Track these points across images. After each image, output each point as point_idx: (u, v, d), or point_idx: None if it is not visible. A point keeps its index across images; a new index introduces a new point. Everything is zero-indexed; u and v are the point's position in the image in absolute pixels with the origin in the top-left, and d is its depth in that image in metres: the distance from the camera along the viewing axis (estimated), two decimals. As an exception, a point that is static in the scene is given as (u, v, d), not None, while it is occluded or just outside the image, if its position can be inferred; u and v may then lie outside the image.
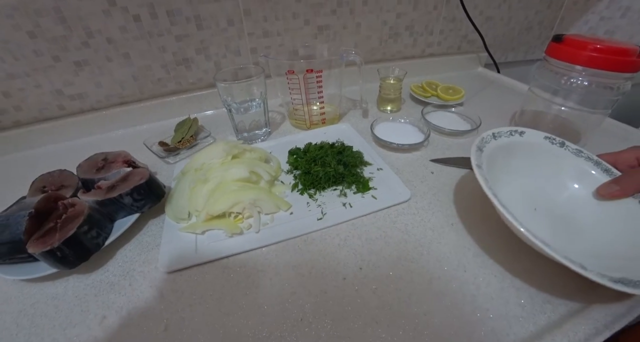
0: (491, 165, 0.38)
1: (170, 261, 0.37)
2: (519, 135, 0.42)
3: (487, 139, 0.40)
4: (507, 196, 0.36)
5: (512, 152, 0.41)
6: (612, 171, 0.38)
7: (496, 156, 0.39)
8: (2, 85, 0.59)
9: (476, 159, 0.36)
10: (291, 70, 0.52)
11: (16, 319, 0.34)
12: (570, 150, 0.41)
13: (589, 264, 0.28)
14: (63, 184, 0.46)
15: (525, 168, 0.41)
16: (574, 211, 0.38)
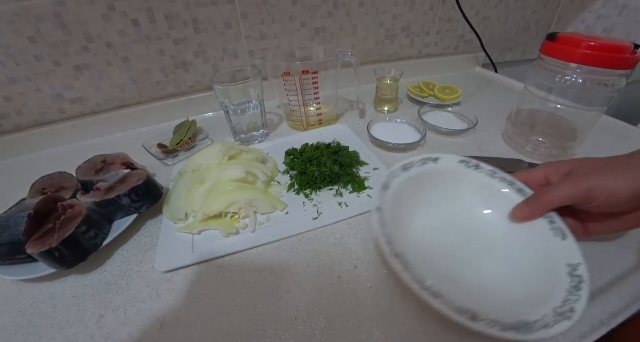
0: (404, 200, 0.35)
1: (167, 261, 0.37)
2: (432, 162, 0.39)
3: (396, 173, 0.37)
4: (423, 232, 0.35)
5: (428, 182, 0.38)
6: (525, 191, 0.35)
7: (409, 190, 0.36)
8: (4, 90, 0.60)
9: (378, 201, 0.33)
10: (287, 72, 0.53)
11: (15, 319, 0.34)
12: (485, 172, 0.38)
13: (497, 303, 0.27)
14: (63, 186, 0.46)
15: (442, 197, 0.38)
16: (491, 239, 0.35)
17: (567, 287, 0.27)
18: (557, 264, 0.29)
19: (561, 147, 0.53)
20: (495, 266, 0.32)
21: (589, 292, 0.26)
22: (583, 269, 0.28)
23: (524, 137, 0.55)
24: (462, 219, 0.37)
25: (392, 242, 0.29)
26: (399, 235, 0.31)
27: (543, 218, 0.33)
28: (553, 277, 0.29)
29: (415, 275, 0.26)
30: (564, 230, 0.32)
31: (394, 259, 0.27)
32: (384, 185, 0.35)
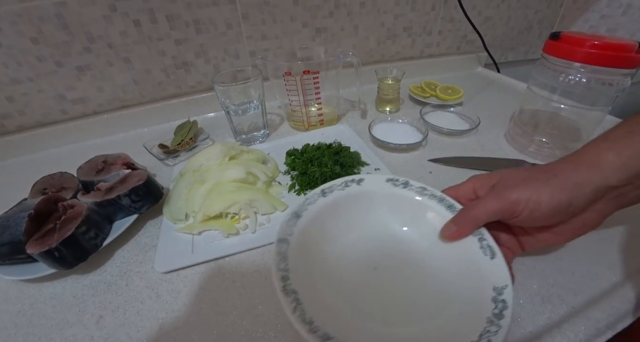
0: (319, 228, 0.33)
1: (166, 262, 0.37)
2: (356, 184, 0.36)
3: (312, 199, 0.34)
4: (342, 259, 0.33)
5: (350, 206, 0.35)
6: (455, 206, 0.33)
7: (326, 216, 0.34)
8: (6, 90, 0.61)
9: (282, 231, 0.31)
10: (288, 72, 0.52)
11: (14, 319, 0.34)
12: (414, 189, 0.36)
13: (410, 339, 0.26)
14: (63, 186, 0.46)
15: (367, 220, 0.36)
16: (419, 262, 0.33)
17: (489, 316, 0.25)
18: (482, 288, 0.27)
19: (564, 147, 0.52)
20: (420, 292, 0.30)
21: (510, 321, 0.24)
22: (508, 293, 0.26)
23: (526, 138, 0.55)
24: (387, 242, 0.35)
25: (287, 277, 0.27)
26: (306, 267, 0.29)
27: (472, 235, 0.30)
28: (476, 305, 0.27)
29: (304, 315, 0.24)
30: (493, 248, 0.29)
31: (284, 297, 0.25)
32: (295, 213, 0.33)
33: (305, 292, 0.26)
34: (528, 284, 0.33)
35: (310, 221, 0.33)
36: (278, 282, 0.26)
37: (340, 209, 0.35)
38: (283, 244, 0.29)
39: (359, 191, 0.36)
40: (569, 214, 0.28)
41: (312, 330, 0.23)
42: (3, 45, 0.56)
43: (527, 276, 0.34)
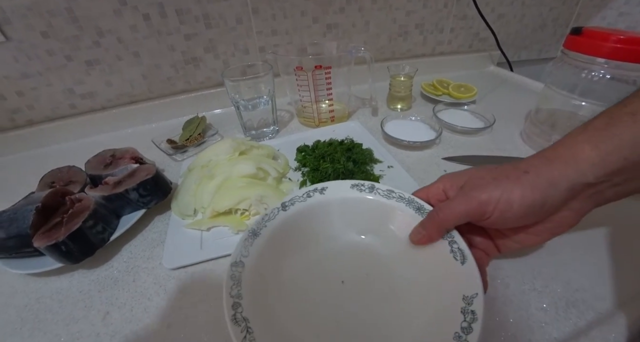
0: (280, 246, 0.31)
1: (174, 258, 0.36)
2: (318, 193, 0.34)
3: (272, 215, 0.32)
4: (306, 276, 0.31)
5: (313, 218, 0.34)
6: (424, 208, 0.32)
7: (287, 230, 0.32)
8: (16, 84, 0.61)
9: (237, 254, 0.29)
10: (300, 67, 0.51)
11: (21, 314, 0.34)
12: (381, 193, 0.34)
13: None
14: (71, 180, 0.46)
15: (331, 232, 0.34)
16: (387, 271, 0.31)
17: (456, 331, 0.23)
18: (451, 298, 0.26)
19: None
20: (388, 307, 0.29)
21: (478, 336, 0.22)
22: (478, 303, 0.24)
23: (544, 137, 0.53)
24: (355, 253, 0.33)
25: (239, 304, 0.25)
26: (263, 291, 0.28)
27: (443, 238, 0.29)
28: (444, 318, 0.25)
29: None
30: (464, 251, 0.27)
31: (233, 326, 0.23)
32: (252, 232, 0.31)
33: (258, 320, 0.25)
34: (551, 288, 0.32)
35: (269, 239, 0.31)
36: (228, 310, 0.24)
37: (302, 223, 0.33)
38: (237, 268, 0.28)
39: (322, 201, 0.34)
40: (542, 213, 0.26)
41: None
42: (13, 39, 0.56)
43: (549, 280, 0.32)
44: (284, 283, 0.30)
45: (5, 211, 0.38)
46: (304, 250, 0.33)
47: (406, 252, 0.31)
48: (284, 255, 0.31)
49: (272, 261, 0.30)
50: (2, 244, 0.36)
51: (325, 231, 0.34)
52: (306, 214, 0.33)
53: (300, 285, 0.30)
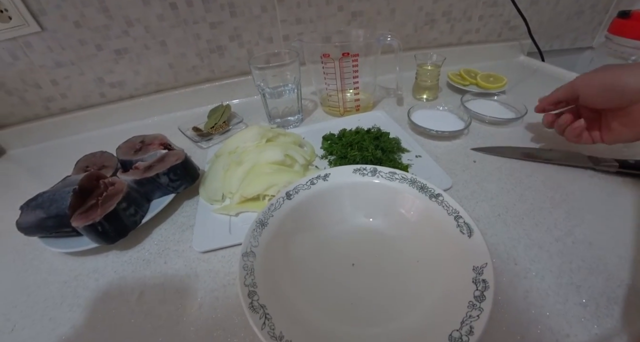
0: (288, 232, 0.32)
1: (204, 241, 0.37)
2: (322, 180, 0.35)
3: (277, 204, 0.33)
4: (317, 262, 0.31)
5: (318, 205, 0.34)
6: (427, 187, 0.33)
7: (294, 218, 0.33)
8: (51, 73, 0.63)
9: (247, 244, 0.29)
10: (327, 54, 0.51)
11: (61, 289, 0.35)
12: (384, 176, 0.35)
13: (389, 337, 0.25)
14: (104, 164, 0.47)
15: (338, 216, 0.34)
16: (397, 250, 0.32)
17: (470, 299, 0.24)
18: (462, 270, 0.26)
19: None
20: (399, 283, 0.29)
21: (491, 302, 0.23)
22: (489, 272, 0.24)
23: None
24: (363, 236, 0.34)
25: (255, 292, 0.26)
26: (276, 278, 0.28)
27: (448, 214, 0.30)
28: (457, 289, 0.25)
29: (273, 330, 0.24)
30: (470, 225, 0.29)
31: (251, 313, 0.24)
32: (260, 222, 0.31)
33: (275, 306, 0.26)
34: (590, 282, 0.30)
35: (277, 228, 0.32)
36: (245, 298, 0.25)
37: (308, 210, 0.34)
38: (249, 258, 0.28)
39: (326, 187, 0.35)
40: (617, 96, 0.34)
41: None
42: (48, 29, 0.58)
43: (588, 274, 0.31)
44: (295, 269, 0.31)
45: (45, 192, 0.39)
46: (312, 236, 0.33)
47: (414, 232, 0.32)
48: (294, 242, 0.32)
49: (282, 248, 0.31)
50: (43, 224, 0.37)
51: (333, 216, 0.35)
52: (312, 201, 0.34)
53: (312, 270, 0.31)
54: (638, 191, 0.39)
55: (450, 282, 0.27)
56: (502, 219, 0.37)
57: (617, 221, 0.36)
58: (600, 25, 0.91)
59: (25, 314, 0.34)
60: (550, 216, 0.37)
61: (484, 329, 0.22)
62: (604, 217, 0.36)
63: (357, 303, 0.29)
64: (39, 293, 0.36)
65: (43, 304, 0.34)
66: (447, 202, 0.32)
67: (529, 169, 0.44)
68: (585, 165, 0.43)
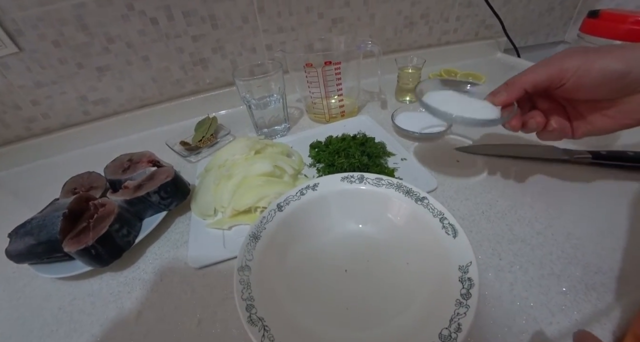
0: (280, 244, 0.33)
1: (199, 257, 0.37)
2: (311, 190, 0.36)
3: (268, 217, 0.34)
4: (310, 270, 0.32)
5: (309, 214, 0.35)
6: (412, 191, 0.34)
7: (286, 230, 0.34)
8: (31, 93, 0.62)
9: (241, 258, 0.30)
10: (309, 63, 0.51)
11: (56, 316, 0.35)
12: (371, 182, 0.36)
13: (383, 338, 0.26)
14: (92, 185, 0.47)
15: (328, 225, 0.35)
16: (386, 255, 0.33)
17: (457, 298, 0.25)
18: (448, 270, 0.27)
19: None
20: (390, 286, 0.31)
21: (477, 299, 0.24)
22: (474, 270, 0.26)
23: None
24: (353, 242, 0.35)
25: (252, 306, 0.26)
26: (272, 290, 0.29)
27: (434, 217, 0.31)
28: (444, 288, 0.27)
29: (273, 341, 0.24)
30: (454, 225, 0.30)
31: (250, 327, 0.25)
32: (253, 235, 0.32)
33: (273, 317, 0.26)
34: (569, 272, 0.32)
35: (270, 240, 0.32)
36: (243, 312, 0.26)
37: (300, 220, 0.35)
38: (244, 272, 0.29)
39: (315, 197, 0.36)
40: (619, 87, 0.27)
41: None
42: (26, 49, 0.57)
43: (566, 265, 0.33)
44: (291, 279, 0.31)
45: (34, 217, 0.39)
46: (305, 245, 0.34)
47: (402, 236, 0.33)
48: (287, 253, 0.33)
49: (277, 260, 0.32)
50: (33, 250, 0.37)
51: (324, 224, 0.36)
52: (302, 211, 0.35)
53: (307, 278, 0.32)
54: (610, 180, 0.41)
55: (438, 282, 0.28)
56: (485, 216, 0.39)
57: (592, 210, 0.38)
58: (571, 19, 0.95)
59: (21, 344, 0.33)
60: (531, 210, 0.39)
61: (470, 325, 0.23)
62: (580, 207, 0.38)
63: (352, 308, 0.30)
64: (33, 321, 0.35)
65: (39, 332, 0.34)
66: (432, 204, 0.33)
67: (509, 165, 0.46)
68: (561, 157, 0.45)
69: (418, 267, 0.31)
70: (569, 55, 0.28)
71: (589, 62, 0.27)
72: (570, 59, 0.28)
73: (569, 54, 0.28)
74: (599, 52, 0.27)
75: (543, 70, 0.29)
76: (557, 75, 0.28)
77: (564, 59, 0.28)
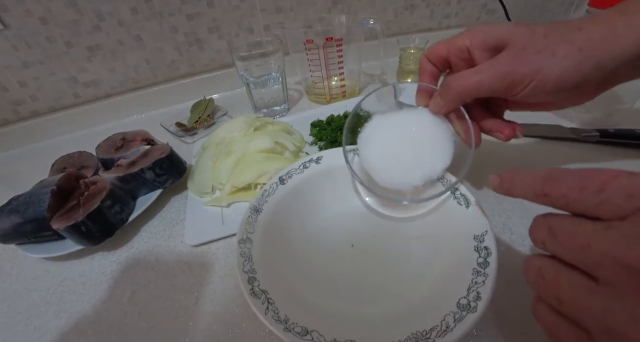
0: (283, 217, 0.31)
1: (196, 235, 0.35)
2: (315, 163, 0.35)
3: (270, 190, 0.32)
4: (315, 245, 0.31)
5: (313, 188, 0.34)
6: None
7: (289, 203, 0.32)
8: (18, 74, 0.59)
9: (242, 231, 0.28)
10: (310, 40, 0.50)
11: (45, 297, 0.33)
12: None
13: (395, 309, 0.25)
14: (83, 165, 0.45)
15: (334, 198, 0.34)
16: (396, 228, 0.32)
17: (474, 267, 0.24)
18: (463, 240, 0.26)
19: (605, 111, 0.49)
20: (402, 260, 0.29)
21: (496, 267, 0.23)
22: (490, 239, 0.25)
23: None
24: (360, 216, 0.33)
25: (254, 278, 0.25)
26: (275, 263, 0.28)
27: (448, 191, 0.29)
28: (460, 259, 0.25)
29: (277, 314, 0.23)
30: (467, 196, 0.28)
31: (253, 299, 0.24)
32: (254, 208, 0.31)
33: (276, 290, 0.25)
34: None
35: (272, 213, 0.31)
36: (245, 285, 0.25)
37: (303, 194, 0.33)
38: (245, 244, 0.28)
39: (319, 170, 0.34)
40: (572, 93, 0.24)
41: (287, 328, 0.22)
42: (12, 26, 0.55)
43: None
44: (294, 253, 0.30)
45: (21, 195, 0.37)
46: (309, 219, 0.33)
47: (411, 209, 0.32)
48: (290, 226, 0.31)
49: (279, 233, 0.30)
50: (20, 229, 0.35)
51: (328, 198, 0.34)
52: (306, 184, 0.34)
53: (311, 253, 0.30)
54: (619, 159, 0.40)
55: (452, 253, 0.27)
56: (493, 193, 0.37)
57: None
58: (573, 5, 0.94)
59: (7, 326, 0.31)
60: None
61: (490, 293, 0.22)
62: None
63: (359, 283, 0.28)
64: (20, 303, 0.33)
65: (25, 313, 0.32)
66: None
67: (516, 143, 0.45)
68: (568, 136, 0.44)
69: (429, 239, 0.30)
70: (521, 59, 0.23)
71: (544, 72, 0.22)
72: (522, 67, 0.23)
73: (520, 56, 0.23)
74: (557, 53, 0.22)
75: (489, 81, 0.24)
76: (507, 89, 0.24)
77: (515, 65, 0.23)
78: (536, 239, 0.17)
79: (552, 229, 0.16)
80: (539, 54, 0.23)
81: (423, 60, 0.31)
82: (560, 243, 0.15)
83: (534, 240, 0.17)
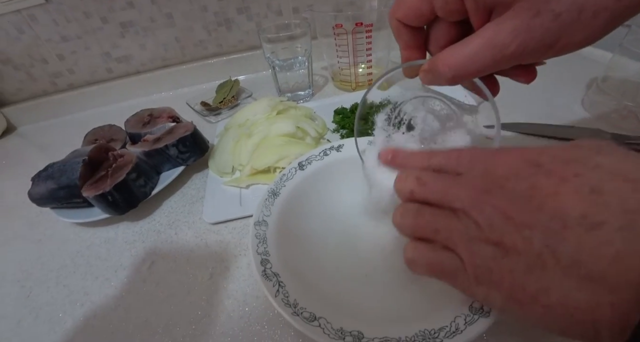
0: (300, 203, 0.31)
1: (214, 213, 0.36)
2: (335, 151, 0.34)
3: (290, 175, 0.32)
4: (330, 232, 0.30)
5: (332, 175, 0.32)
6: None
7: (307, 189, 0.31)
8: (57, 48, 0.62)
9: (258, 213, 0.28)
10: (339, 24, 0.48)
11: (74, 259, 0.36)
12: None
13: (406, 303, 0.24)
14: (112, 138, 0.47)
15: (353, 187, 0.31)
16: None
17: None
18: None
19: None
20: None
21: None
22: None
23: (609, 105, 0.47)
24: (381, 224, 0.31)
25: (267, 260, 0.25)
26: (288, 247, 0.27)
27: None
28: None
29: (287, 298, 0.23)
30: None
31: (265, 281, 0.24)
32: (272, 191, 0.30)
33: (288, 274, 0.25)
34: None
35: (290, 198, 0.31)
36: (258, 266, 0.25)
37: (321, 181, 0.33)
38: (261, 227, 0.28)
39: (340, 158, 0.34)
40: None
41: (296, 312, 0.22)
42: (53, 1, 0.56)
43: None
44: (309, 239, 0.30)
45: (55, 163, 0.39)
46: (326, 206, 0.32)
47: None
48: (306, 212, 0.31)
49: (295, 218, 0.30)
50: (54, 194, 0.37)
51: (347, 186, 0.33)
52: (325, 171, 0.33)
53: (325, 240, 0.30)
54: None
55: None
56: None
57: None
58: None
59: (40, 282, 0.34)
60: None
61: None
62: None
63: (371, 275, 0.28)
64: (52, 262, 0.36)
65: (57, 272, 0.35)
66: None
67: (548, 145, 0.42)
68: (609, 142, 0.41)
69: None
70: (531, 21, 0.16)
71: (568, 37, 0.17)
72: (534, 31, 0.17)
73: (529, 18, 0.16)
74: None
75: (492, 53, 0.18)
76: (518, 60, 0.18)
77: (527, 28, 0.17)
78: (403, 188, 0.20)
79: (420, 179, 0.20)
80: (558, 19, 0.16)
81: (395, 25, 0.23)
82: (429, 189, 0.19)
83: (401, 190, 0.21)
